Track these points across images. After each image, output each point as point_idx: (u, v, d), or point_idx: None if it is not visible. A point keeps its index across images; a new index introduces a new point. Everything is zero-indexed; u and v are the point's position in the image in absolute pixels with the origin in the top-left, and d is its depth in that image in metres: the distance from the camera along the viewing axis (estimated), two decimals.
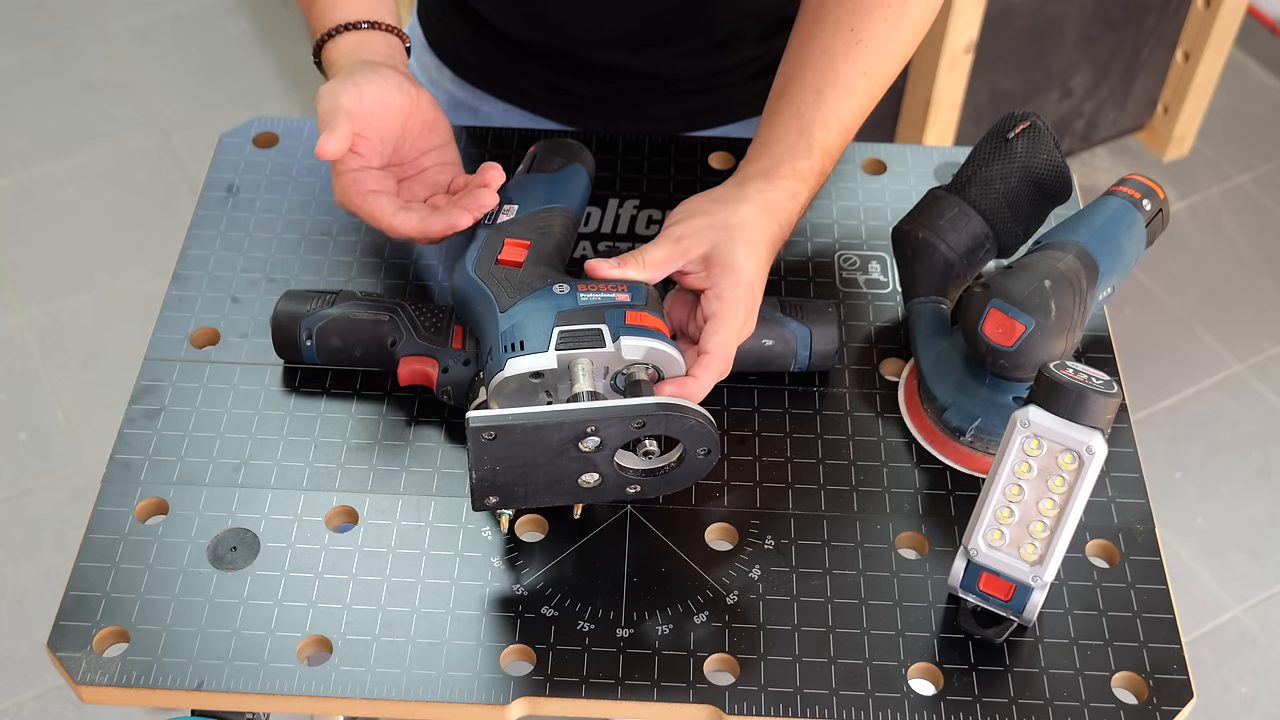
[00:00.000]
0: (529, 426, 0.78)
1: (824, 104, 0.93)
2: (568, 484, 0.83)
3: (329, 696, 0.80)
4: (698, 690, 0.80)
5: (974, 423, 0.91)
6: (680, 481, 0.85)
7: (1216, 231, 2.45)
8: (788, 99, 0.94)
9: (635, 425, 0.80)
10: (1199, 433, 2.14)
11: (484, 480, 0.81)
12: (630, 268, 0.87)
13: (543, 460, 0.80)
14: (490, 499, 0.82)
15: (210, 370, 0.96)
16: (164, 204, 2.42)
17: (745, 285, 0.86)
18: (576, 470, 0.82)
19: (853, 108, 0.94)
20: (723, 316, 0.85)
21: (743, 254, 0.86)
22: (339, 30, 0.98)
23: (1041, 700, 0.80)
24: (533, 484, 0.82)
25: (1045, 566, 0.80)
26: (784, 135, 0.93)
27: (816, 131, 0.93)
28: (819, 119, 0.93)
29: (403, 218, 0.92)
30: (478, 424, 0.78)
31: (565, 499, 0.85)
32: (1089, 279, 0.89)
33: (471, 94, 1.21)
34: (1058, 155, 0.96)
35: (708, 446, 0.82)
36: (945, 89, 2.11)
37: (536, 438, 0.79)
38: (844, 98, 0.94)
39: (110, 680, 0.80)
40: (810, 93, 0.93)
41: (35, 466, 2.05)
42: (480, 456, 0.79)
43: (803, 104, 0.93)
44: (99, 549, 0.86)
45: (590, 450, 0.80)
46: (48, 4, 2.81)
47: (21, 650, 1.84)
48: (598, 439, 0.80)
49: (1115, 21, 2.24)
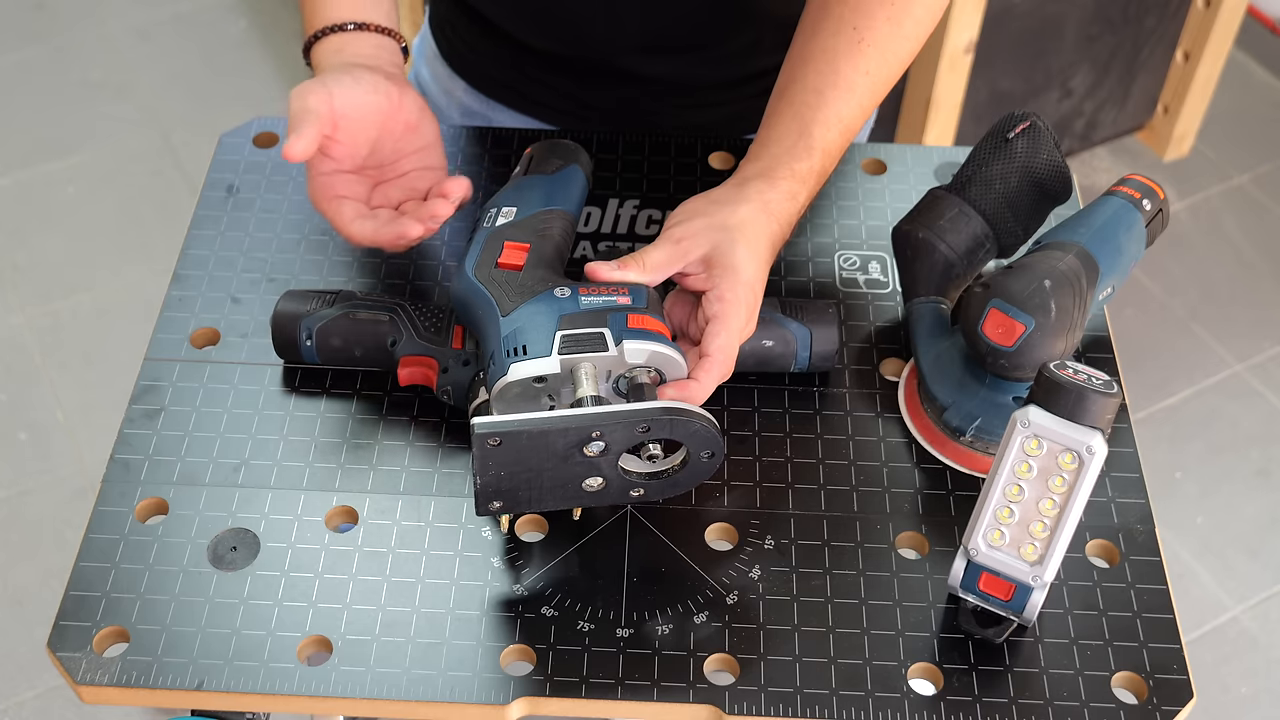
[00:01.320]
0: (534, 432, 0.78)
1: (824, 104, 0.93)
2: (571, 488, 0.83)
3: (329, 696, 0.80)
4: (698, 690, 0.80)
5: (974, 423, 0.91)
6: (683, 484, 0.85)
7: (1216, 231, 2.45)
8: (788, 99, 0.94)
9: (640, 429, 0.79)
10: (1199, 433, 2.14)
11: (488, 486, 0.81)
12: (630, 270, 0.87)
13: (547, 465, 0.80)
14: (494, 504, 0.82)
15: (210, 370, 0.96)
16: (164, 204, 2.42)
17: (746, 286, 0.86)
18: (581, 474, 0.82)
19: (854, 107, 0.94)
20: (724, 318, 0.85)
21: (743, 255, 0.86)
22: (325, 32, 0.98)
23: (1041, 700, 0.80)
24: (536, 489, 0.82)
25: (1045, 566, 0.80)
26: (783, 136, 0.93)
27: (816, 132, 0.92)
28: (819, 119, 0.92)
29: (358, 226, 0.93)
30: (483, 430, 0.78)
31: (569, 503, 0.84)
32: (1089, 279, 0.89)
33: (485, 104, 1.20)
34: (1058, 155, 0.96)
35: (711, 450, 0.82)
36: (945, 89, 2.11)
37: (542, 443, 0.79)
38: (845, 97, 0.93)
39: (110, 680, 0.80)
40: (811, 92, 0.93)
41: (35, 466, 2.05)
42: (485, 463, 0.79)
43: (803, 104, 0.93)
44: (99, 549, 0.86)
45: (595, 455, 0.80)
46: (48, 4, 2.81)
47: (21, 650, 1.84)
48: (602, 443, 0.80)
49: (1115, 21, 2.24)
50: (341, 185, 0.94)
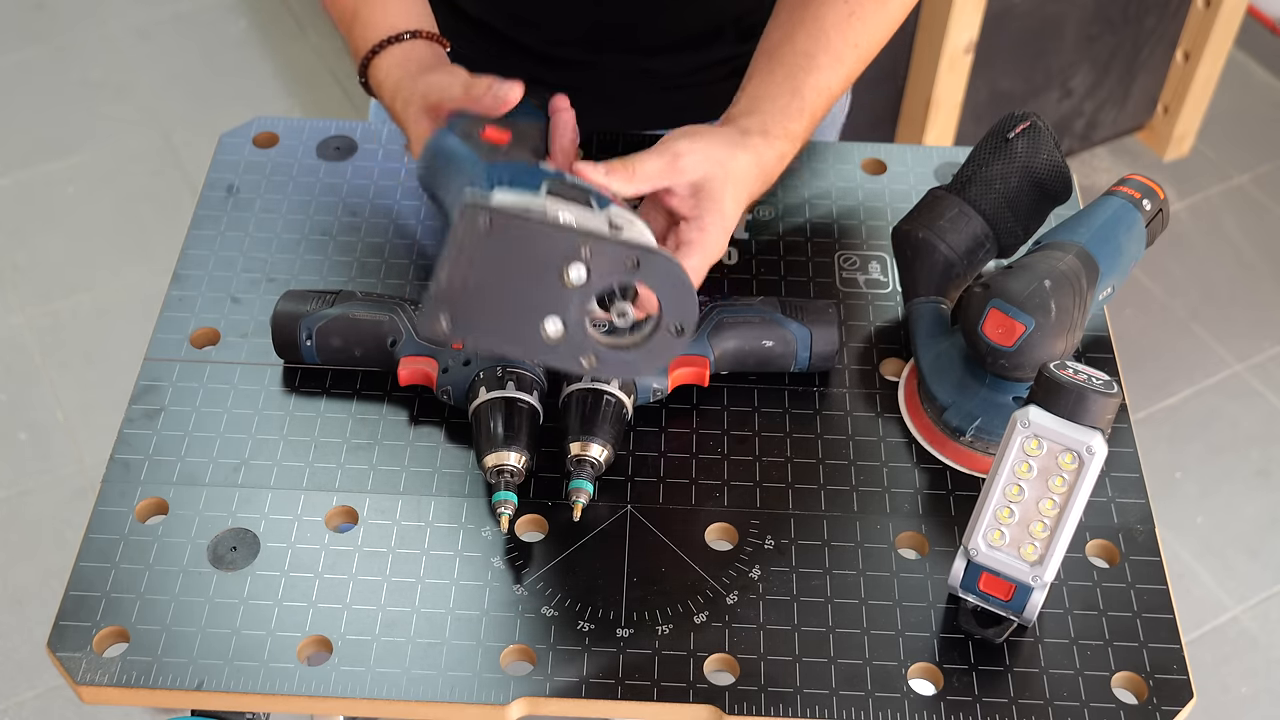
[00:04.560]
0: (528, 222, 0.74)
1: (816, 69, 0.94)
2: (530, 329, 0.78)
3: (329, 696, 0.80)
4: (698, 690, 0.80)
5: (974, 423, 0.91)
6: (639, 366, 0.80)
7: (1216, 231, 2.45)
8: (779, 59, 0.94)
9: (629, 264, 0.76)
10: (1199, 433, 2.14)
11: (452, 284, 0.75)
12: (617, 176, 0.86)
13: (520, 284, 0.76)
14: (444, 317, 0.76)
15: (210, 370, 0.96)
16: (164, 204, 2.42)
17: (724, 230, 0.87)
18: (545, 309, 0.77)
19: (840, 78, 0.95)
20: (701, 246, 0.86)
21: (730, 198, 0.88)
22: (384, 45, 0.96)
23: (1041, 700, 0.80)
24: (495, 313, 0.77)
25: (1045, 566, 0.80)
26: (777, 94, 0.93)
27: (808, 95, 0.93)
28: (809, 84, 0.94)
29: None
30: (474, 203, 0.73)
31: (516, 348, 0.80)
32: (1089, 279, 0.89)
33: None
34: (1058, 155, 0.96)
35: (683, 322, 0.78)
36: (945, 89, 2.11)
37: (528, 245, 0.74)
38: (834, 66, 0.95)
39: (110, 680, 0.80)
40: (802, 55, 0.94)
41: (35, 466, 2.05)
42: (461, 250, 0.74)
43: (795, 66, 0.94)
44: (99, 549, 0.86)
45: (572, 284, 0.76)
46: (48, 4, 2.81)
47: (21, 650, 1.84)
48: (585, 269, 0.76)
49: (1115, 21, 2.24)
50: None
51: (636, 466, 0.91)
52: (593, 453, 0.87)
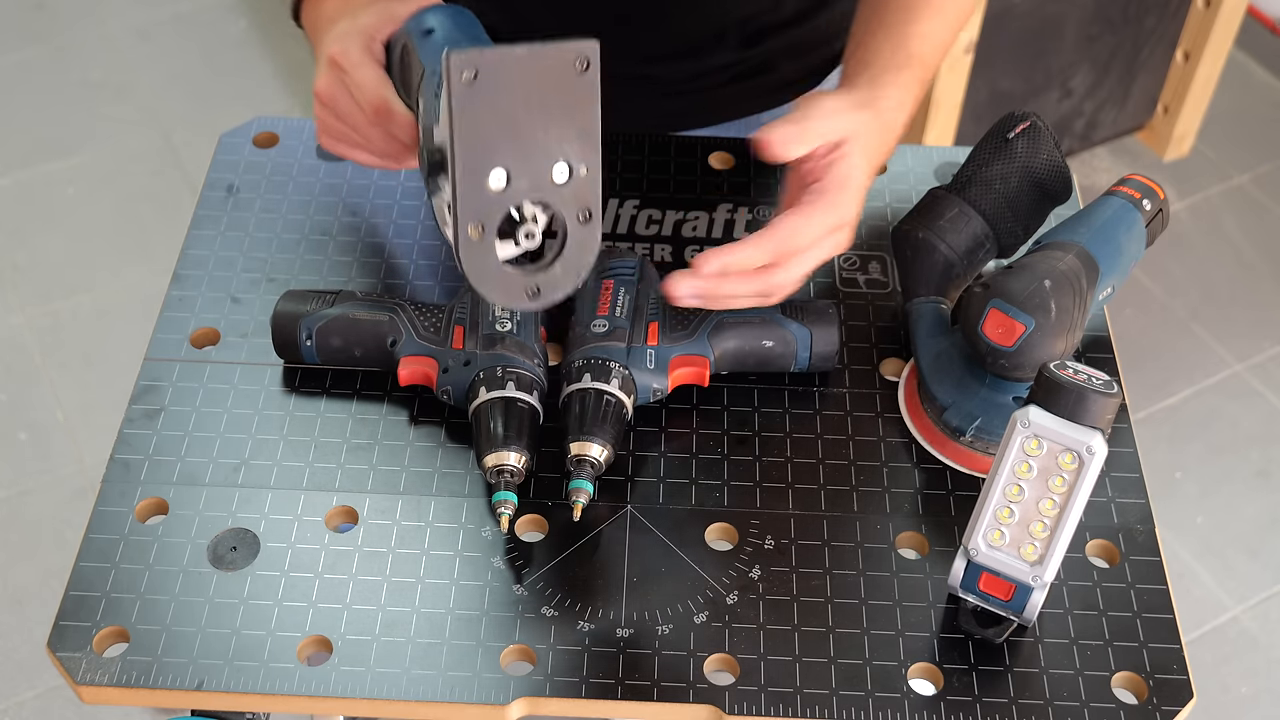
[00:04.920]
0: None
1: (916, 19, 0.95)
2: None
3: (329, 696, 0.80)
4: (698, 690, 0.80)
5: (974, 423, 0.91)
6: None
7: (1216, 231, 2.45)
8: (880, 18, 0.96)
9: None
10: (1199, 433, 2.14)
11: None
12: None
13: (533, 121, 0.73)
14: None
15: (210, 370, 0.96)
16: (164, 204, 2.42)
17: (856, 187, 0.88)
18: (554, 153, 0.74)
19: (943, 25, 0.97)
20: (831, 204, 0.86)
21: (859, 156, 0.88)
22: None
23: (1041, 700, 0.80)
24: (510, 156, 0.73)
25: (1045, 566, 0.80)
26: (881, 47, 0.95)
27: (914, 45, 0.95)
28: (913, 33, 0.95)
29: None
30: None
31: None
32: (1089, 279, 0.89)
33: None
34: (1058, 155, 0.96)
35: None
36: (945, 89, 2.11)
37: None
38: (936, 15, 0.96)
39: (110, 680, 0.80)
40: (901, 10, 0.96)
41: (35, 466, 2.05)
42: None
43: (896, 21, 0.95)
44: (99, 549, 0.86)
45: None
46: (48, 4, 2.81)
47: (21, 650, 1.84)
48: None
49: (1115, 21, 2.24)
50: None
51: (636, 466, 0.91)
52: (593, 453, 0.87)
